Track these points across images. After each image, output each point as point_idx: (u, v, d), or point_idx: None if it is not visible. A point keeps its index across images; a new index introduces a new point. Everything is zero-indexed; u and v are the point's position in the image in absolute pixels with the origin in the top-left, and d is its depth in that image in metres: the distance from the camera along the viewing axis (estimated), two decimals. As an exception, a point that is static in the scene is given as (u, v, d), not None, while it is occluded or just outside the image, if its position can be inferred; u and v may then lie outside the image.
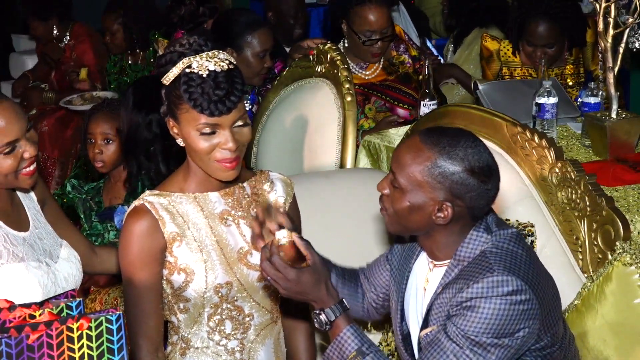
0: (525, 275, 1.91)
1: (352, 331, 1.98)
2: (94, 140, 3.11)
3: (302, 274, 1.95)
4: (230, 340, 2.18)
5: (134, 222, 2.10)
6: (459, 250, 2.00)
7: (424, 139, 1.98)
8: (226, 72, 2.00)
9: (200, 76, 1.98)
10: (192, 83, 1.99)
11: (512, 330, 1.89)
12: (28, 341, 1.75)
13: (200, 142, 2.03)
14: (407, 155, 1.97)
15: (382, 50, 3.80)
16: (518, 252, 1.97)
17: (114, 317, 1.81)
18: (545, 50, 3.87)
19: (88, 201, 3.19)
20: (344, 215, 2.77)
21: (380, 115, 3.81)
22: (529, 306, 1.89)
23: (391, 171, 2.02)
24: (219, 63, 2.01)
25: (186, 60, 2.01)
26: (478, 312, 1.88)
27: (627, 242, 2.36)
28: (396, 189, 1.99)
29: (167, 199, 2.12)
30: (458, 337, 1.90)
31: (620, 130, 3.07)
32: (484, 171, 1.95)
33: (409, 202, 1.97)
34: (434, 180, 1.94)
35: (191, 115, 2.01)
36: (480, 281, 1.90)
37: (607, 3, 3.02)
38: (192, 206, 2.13)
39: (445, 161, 1.93)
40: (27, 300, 1.94)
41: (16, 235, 2.20)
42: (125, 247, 2.12)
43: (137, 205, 2.11)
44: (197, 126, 2.02)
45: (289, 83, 3.73)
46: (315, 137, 3.49)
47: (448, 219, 1.96)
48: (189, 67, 2.00)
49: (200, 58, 2.01)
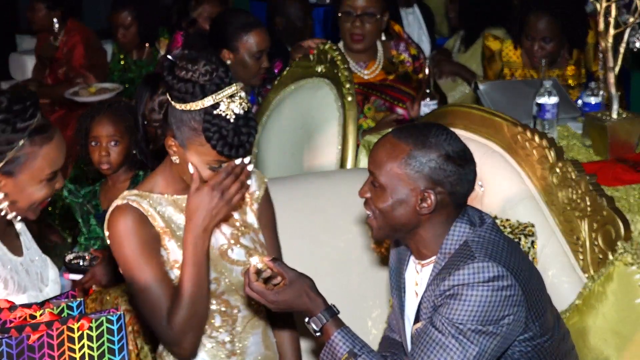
0: (506, 262, 1.93)
1: (343, 334, 2.01)
2: (99, 142, 3.10)
3: (279, 294, 2.02)
4: (220, 332, 2.21)
5: (123, 218, 2.10)
6: (443, 244, 2.02)
7: (396, 135, 2.02)
8: (245, 114, 2.01)
9: (225, 119, 1.99)
10: (215, 124, 1.99)
11: (496, 317, 1.90)
12: (29, 341, 1.75)
13: (207, 173, 2.07)
14: (382, 153, 2.01)
15: (363, 33, 3.74)
16: (500, 241, 2.00)
17: (114, 317, 1.81)
18: (542, 45, 3.86)
19: (85, 205, 3.19)
20: (344, 215, 2.77)
21: (379, 115, 3.80)
22: (511, 292, 1.91)
23: (370, 173, 2.05)
24: (242, 103, 2.02)
25: (211, 98, 1.99)
26: (461, 300, 1.90)
27: (628, 242, 2.36)
28: (377, 188, 2.02)
29: (147, 200, 2.14)
30: (443, 327, 1.92)
31: (621, 130, 3.07)
32: (459, 156, 1.99)
33: (392, 198, 2.00)
34: (412, 170, 1.97)
35: (204, 149, 2.03)
36: (461, 268, 1.92)
37: (608, 3, 3.02)
38: (171, 207, 2.16)
39: (420, 150, 1.97)
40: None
41: (16, 262, 2.15)
42: (121, 245, 2.11)
43: (121, 204, 2.12)
44: (208, 160, 2.05)
45: (289, 83, 3.72)
46: (316, 137, 3.49)
47: (432, 207, 1.98)
48: (214, 107, 2.00)
49: (226, 99, 2.00)
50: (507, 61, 4.05)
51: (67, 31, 5.40)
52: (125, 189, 3.09)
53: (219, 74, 2.02)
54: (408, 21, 5.62)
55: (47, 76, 5.47)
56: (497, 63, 4.09)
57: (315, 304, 2.03)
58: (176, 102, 2.03)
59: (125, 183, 3.15)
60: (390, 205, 2.01)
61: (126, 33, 5.03)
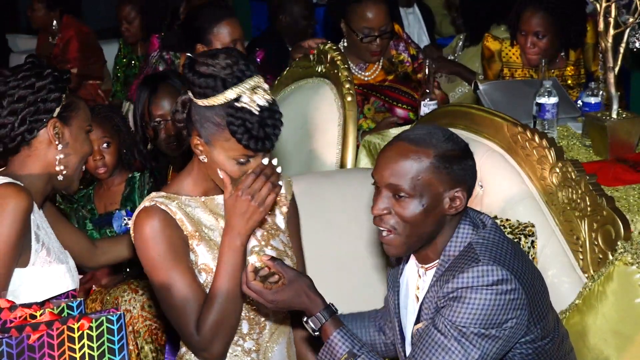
0: (510, 265, 1.92)
1: (342, 334, 2.00)
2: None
3: (278, 294, 2.00)
4: (246, 340, 2.18)
5: (150, 220, 2.07)
6: (447, 247, 2.01)
7: (410, 141, 1.98)
8: (270, 105, 2.00)
9: (249, 112, 1.97)
10: (239, 117, 1.97)
11: (499, 321, 1.89)
12: (29, 341, 1.75)
13: (235, 168, 2.04)
14: (406, 162, 1.96)
15: (381, 49, 3.78)
16: (503, 243, 1.99)
17: (114, 317, 1.81)
18: (534, 41, 3.85)
19: (80, 210, 3.18)
20: (344, 215, 2.77)
21: (379, 115, 3.80)
22: (515, 296, 1.90)
23: (389, 186, 1.97)
24: (265, 95, 2.00)
25: (233, 91, 1.98)
26: (465, 303, 1.89)
27: (628, 242, 2.36)
28: (402, 199, 1.96)
29: (176, 202, 2.11)
30: (446, 329, 1.91)
31: (621, 130, 3.07)
32: (468, 149, 2.00)
33: (423, 205, 1.95)
34: (440, 173, 1.95)
35: (230, 144, 2.01)
36: (466, 271, 1.91)
37: (608, 3, 3.02)
38: (201, 209, 2.13)
39: (444, 152, 1.95)
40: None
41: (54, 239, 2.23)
42: (147, 247, 2.08)
43: (149, 206, 2.09)
44: (235, 155, 2.02)
45: (289, 83, 3.73)
46: (315, 137, 3.49)
47: (463, 204, 1.97)
48: (237, 99, 1.98)
49: (249, 92, 1.98)
50: (507, 61, 4.05)
51: (63, 27, 5.41)
52: (120, 192, 3.12)
53: (240, 66, 2.00)
54: (408, 21, 5.63)
55: None
56: (497, 63, 4.08)
57: (314, 303, 2.02)
58: (198, 99, 2.01)
59: (120, 186, 3.14)
60: (422, 213, 1.96)
61: (130, 27, 5.04)
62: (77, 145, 2.22)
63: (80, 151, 2.24)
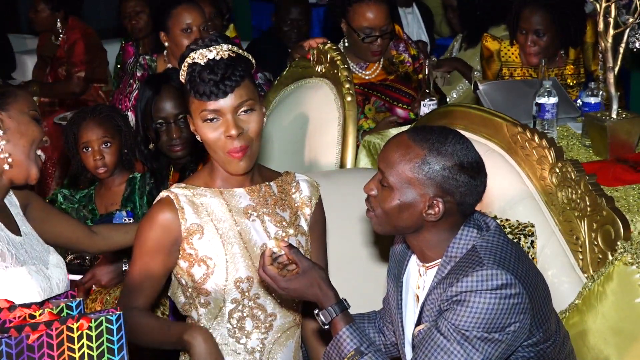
0: (514, 269, 1.92)
1: (351, 331, 1.99)
2: (92, 147, 3.10)
3: (291, 282, 2.00)
4: (250, 339, 2.18)
5: (157, 212, 2.15)
6: (450, 248, 2.00)
7: (412, 136, 1.99)
8: (226, 59, 2.05)
9: (198, 64, 2.05)
10: (192, 72, 2.05)
11: (502, 325, 1.89)
12: (28, 341, 1.75)
13: (206, 131, 2.08)
14: (396, 154, 1.98)
15: (382, 49, 3.78)
16: (507, 246, 1.98)
17: (114, 317, 1.81)
18: (534, 39, 3.85)
19: (81, 210, 3.18)
20: (344, 215, 2.77)
21: (380, 115, 3.80)
22: (518, 300, 1.89)
23: (379, 171, 2.02)
24: (220, 52, 2.06)
25: (193, 54, 2.07)
26: (468, 307, 1.89)
27: (627, 242, 2.36)
28: (385, 188, 2.00)
29: (191, 191, 2.16)
30: (448, 332, 1.90)
31: (621, 130, 3.07)
32: (472, 167, 1.97)
33: (399, 200, 1.98)
34: (424, 176, 1.95)
35: (195, 105, 2.07)
36: (470, 275, 1.91)
37: (608, 3, 3.02)
38: (217, 199, 2.16)
39: (435, 157, 1.94)
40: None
41: (14, 239, 2.19)
42: (143, 230, 2.17)
43: (163, 197, 2.16)
44: (201, 114, 2.07)
45: (289, 83, 3.73)
46: (315, 137, 3.49)
47: (439, 215, 1.96)
48: (193, 59, 2.06)
49: (203, 49, 2.06)
50: (506, 61, 4.05)
51: (68, 29, 5.40)
52: (121, 193, 3.12)
53: (212, 37, 2.09)
54: (407, 21, 5.63)
55: (48, 74, 5.49)
56: (496, 63, 4.08)
57: (326, 296, 2.01)
58: (181, 78, 2.10)
59: (121, 186, 3.14)
60: (396, 207, 1.98)
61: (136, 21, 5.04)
62: (21, 128, 2.18)
63: (27, 134, 2.19)
